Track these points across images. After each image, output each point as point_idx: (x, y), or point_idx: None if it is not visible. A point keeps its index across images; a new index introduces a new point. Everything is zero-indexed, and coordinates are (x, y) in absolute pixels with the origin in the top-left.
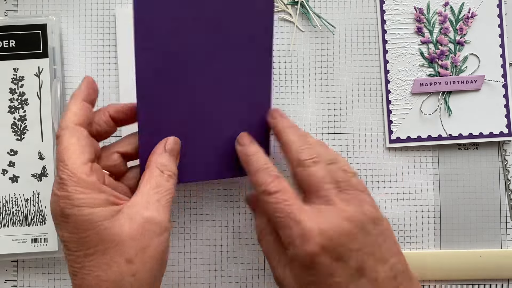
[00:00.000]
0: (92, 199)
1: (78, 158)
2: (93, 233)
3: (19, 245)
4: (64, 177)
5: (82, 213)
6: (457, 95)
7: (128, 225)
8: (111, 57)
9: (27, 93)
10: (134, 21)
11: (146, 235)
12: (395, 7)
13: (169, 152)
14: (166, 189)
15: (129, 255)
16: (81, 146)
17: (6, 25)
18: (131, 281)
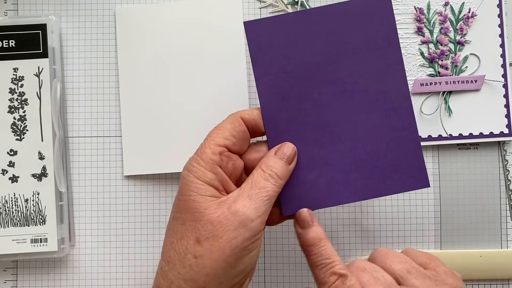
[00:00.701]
0: (200, 172)
1: (217, 138)
2: (184, 199)
3: (19, 245)
4: (200, 146)
5: (188, 178)
6: (457, 95)
7: (213, 209)
8: (111, 57)
9: (27, 93)
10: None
11: (224, 224)
12: (395, 7)
13: (279, 154)
14: (261, 187)
15: (200, 236)
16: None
17: (6, 25)
18: (191, 261)
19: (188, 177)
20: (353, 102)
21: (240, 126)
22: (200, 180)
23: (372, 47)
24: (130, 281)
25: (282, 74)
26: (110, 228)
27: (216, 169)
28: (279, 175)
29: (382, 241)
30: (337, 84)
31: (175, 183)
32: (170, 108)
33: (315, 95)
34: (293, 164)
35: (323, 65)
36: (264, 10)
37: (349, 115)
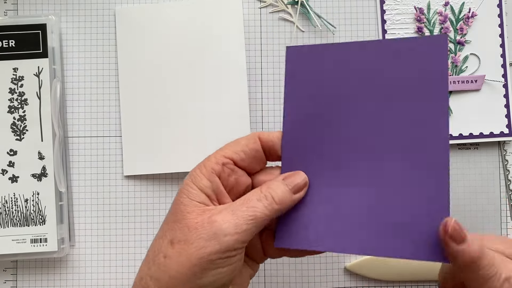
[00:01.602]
0: (197, 178)
1: (227, 150)
2: (175, 200)
3: (19, 245)
4: (209, 155)
5: (184, 181)
6: (458, 95)
7: (195, 214)
8: (111, 57)
9: (27, 93)
10: (285, 72)
11: (198, 232)
12: (395, 7)
13: (286, 181)
14: (250, 206)
15: (174, 238)
16: (239, 148)
17: (6, 25)
18: (160, 260)
19: (185, 180)
20: (381, 146)
21: (254, 144)
22: (194, 184)
23: (417, 90)
24: (130, 281)
25: (312, 102)
26: (110, 228)
27: (213, 178)
28: (276, 199)
29: None
30: (367, 123)
31: (175, 183)
32: (170, 108)
33: (342, 130)
34: (299, 194)
35: (357, 100)
36: (264, 10)
37: (373, 160)
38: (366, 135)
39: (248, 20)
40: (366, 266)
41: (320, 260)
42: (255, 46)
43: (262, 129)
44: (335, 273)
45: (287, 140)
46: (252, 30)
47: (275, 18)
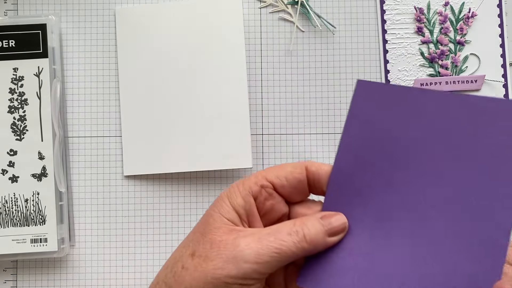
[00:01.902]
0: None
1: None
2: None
3: (19, 245)
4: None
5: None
6: None
7: (221, 232)
8: (111, 57)
9: (27, 93)
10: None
11: (219, 251)
12: (395, 7)
13: (324, 221)
14: (278, 238)
15: (196, 251)
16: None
17: (6, 25)
18: (178, 270)
19: (221, 193)
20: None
21: (299, 174)
22: (228, 200)
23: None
24: (130, 281)
25: (371, 144)
26: (110, 228)
27: (248, 198)
28: (307, 238)
29: None
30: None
31: (174, 183)
32: (170, 108)
33: (396, 180)
34: (335, 238)
35: (421, 153)
36: (264, 10)
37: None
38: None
39: (248, 20)
40: None
41: None
42: (255, 46)
43: (262, 129)
44: None
45: (335, 176)
46: (252, 30)
47: (275, 18)
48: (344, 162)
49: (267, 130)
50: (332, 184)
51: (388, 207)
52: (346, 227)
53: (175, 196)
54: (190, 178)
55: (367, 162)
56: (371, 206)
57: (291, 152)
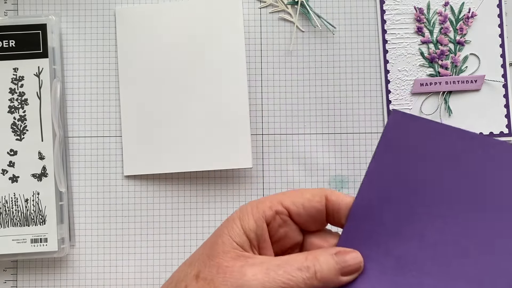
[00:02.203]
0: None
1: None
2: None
3: (19, 245)
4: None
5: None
6: (457, 95)
7: (229, 257)
8: (111, 57)
9: (27, 93)
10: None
11: (225, 277)
12: (395, 7)
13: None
14: (287, 271)
15: (201, 273)
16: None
17: (6, 25)
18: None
19: (233, 214)
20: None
21: (318, 203)
22: (239, 222)
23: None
24: (130, 281)
25: (399, 180)
26: (110, 228)
27: (261, 222)
28: (318, 275)
29: None
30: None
31: (175, 183)
32: (170, 108)
33: (419, 224)
34: (348, 278)
35: (449, 197)
36: (264, 10)
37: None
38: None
39: (248, 20)
40: None
41: None
42: (255, 46)
43: (262, 129)
44: None
45: (357, 211)
46: (252, 30)
47: (275, 18)
48: (368, 197)
49: (267, 130)
50: (352, 218)
51: (406, 251)
52: (362, 267)
53: (175, 196)
54: (190, 178)
55: (393, 200)
56: (391, 248)
57: (291, 152)
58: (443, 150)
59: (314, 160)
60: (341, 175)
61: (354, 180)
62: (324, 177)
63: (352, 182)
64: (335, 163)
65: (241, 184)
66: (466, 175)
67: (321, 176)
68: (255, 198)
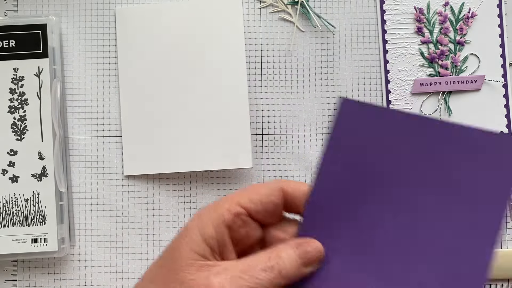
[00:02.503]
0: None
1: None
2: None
3: (19, 245)
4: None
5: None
6: (457, 95)
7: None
8: (111, 57)
9: (27, 93)
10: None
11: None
12: (395, 7)
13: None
14: (253, 275)
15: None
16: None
17: (6, 25)
18: None
19: (190, 223)
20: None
21: (275, 198)
22: (198, 232)
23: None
24: (130, 281)
25: (353, 166)
26: (110, 228)
27: (220, 228)
28: (283, 273)
29: None
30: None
31: (175, 183)
32: (170, 108)
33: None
34: (310, 269)
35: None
36: (264, 10)
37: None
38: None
39: (248, 20)
40: None
41: None
42: (255, 46)
43: (262, 129)
44: None
45: (313, 199)
46: (252, 30)
47: (275, 18)
48: (323, 184)
49: (267, 130)
50: (309, 207)
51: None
52: (322, 256)
53: (175, 196)
54: (190, 178)
55: (347, 187)
56: (350, 235)
57: (291, 152)
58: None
59: (314, 160)
60: None
61: None
62: None
63: None
64: None
65: (241, 184)
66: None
67: None
68: None
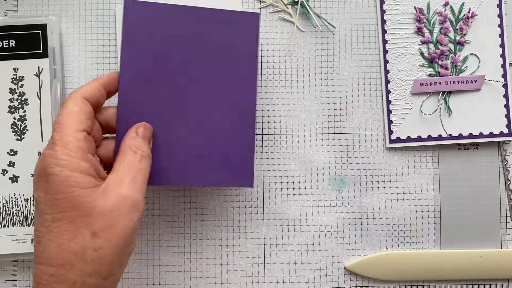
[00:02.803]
0: (75, 164)
1: (74, 124)
2: (66, 197)
3: (19, 245)
4: (56, 137)
5: (62, 173)
6: (457, 95)
7: (101, 199)
8: (111, 57)
9: (27, 93)
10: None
11: (117, 212)
12: (395, 7)
13: (141, 136)
14: (139, 169)
15: (96, 229)
16: (81, 116)
17: (6, 25)
18: (93, 255)
19: (62, 172)
20: (205, 97)
21: (88, 107)
22: (77, 172)
23: (233, 56)
24: (130, 281)
25: (149, 56)
26: None
27: (88, 157)
28: (148, 154)
29: (382, 241)
30: (195, 78)
31: None
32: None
33: (173, 83)
34: (151, 144)
35: (187, 58)
36: (264, 10)
37: (199, 108)
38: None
39: None
40: (366, 266)
41: (320, 260)
42: None
43: (262, 129)
44: (335, 273)
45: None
46: None
47: (275, 18)
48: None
49: (267, 130)
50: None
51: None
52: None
53: (175, 196)
54: None
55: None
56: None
57: (291, 152)
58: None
59: (314, 160)
60: (341, 175)
61: (354, 180)
62: (324, 177)
63: (352, 182)
64: (335, 163)
65: None
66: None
67: (321, 176)
68: (255, 199)
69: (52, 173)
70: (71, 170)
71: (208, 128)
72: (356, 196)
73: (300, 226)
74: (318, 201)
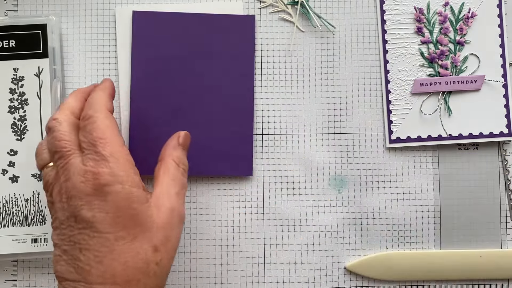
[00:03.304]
0: (131, 178)
1: (117, 138)
2: (130, 213)
3: (19, 245)
4: (105, 153)
5: (124, 190)
6: (457, 95)
7: (156, 213)
8: (111, 57)
9: (27, 93)
10: (133, 35)
11: (170, 225)
12: (395, 7)
13: (182, 146)
14: (181, 184)
15: (156, 243)
16: (117, 130)
17: (6, 25)
18: (155, 269)
19: (124, 189)
20: (207, 94)
21: (114, 119)
22: (135, 187)
23: (232, 57)
24: None
25: (156, 59)
26: None
27: (136, 170)
28: (187, 166)
29: (382, 241)
30: (197, 78)
31: None
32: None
33: (178, 83)
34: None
35: (190, 59)
36: (264, 10)
37: (201, 104)
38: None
39: None
40: (366, 266)
41: (320, 260)
42: (255, 46)
43: (262, 129)
44: (335, 273)
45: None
46: None
47: (275, 18)
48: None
49: (267, 130)
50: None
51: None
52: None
53: None
54: (190, 178)
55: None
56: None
57: (291, 152)
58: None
59: (314, 160)
60: (341, 175)
61: (354, 180)
62: (324, 177)
63: (352, 182)
64: (335, 163)
65: (241, 184)
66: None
67: (321, 176)
68: (255, 199)
69: (113, 191)
70: (130, 185)
71: (210, 122)
72: (356, 196)
73: (300, 226)
74: (318, 201)
